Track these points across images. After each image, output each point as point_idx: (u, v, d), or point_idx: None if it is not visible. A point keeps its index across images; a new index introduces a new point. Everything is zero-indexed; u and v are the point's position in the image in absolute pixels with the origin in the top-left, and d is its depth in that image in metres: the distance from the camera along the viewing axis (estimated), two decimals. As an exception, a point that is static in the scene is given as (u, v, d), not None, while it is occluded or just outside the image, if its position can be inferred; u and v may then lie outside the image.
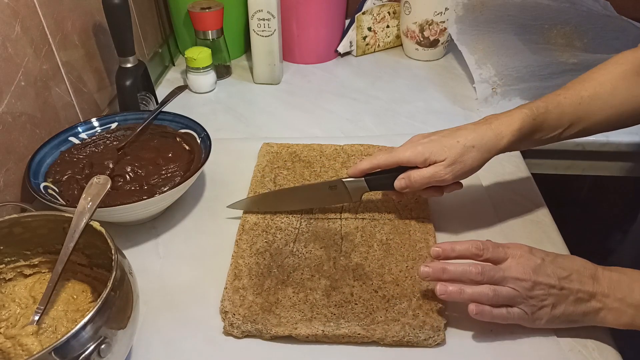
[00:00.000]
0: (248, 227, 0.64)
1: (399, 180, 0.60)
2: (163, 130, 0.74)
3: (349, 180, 0.63)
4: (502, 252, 0.52)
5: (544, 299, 0.50)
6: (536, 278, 0.50)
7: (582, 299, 0.50)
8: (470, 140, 0.57)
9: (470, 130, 0.59)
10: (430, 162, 0.58)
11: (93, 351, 0.41)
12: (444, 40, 1.06)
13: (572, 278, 0.50)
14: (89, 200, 0.49)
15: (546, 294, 0.50)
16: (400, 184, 0.60)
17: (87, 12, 0.78)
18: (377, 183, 0.63)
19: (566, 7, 0.99)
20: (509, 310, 0.50)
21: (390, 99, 0.96)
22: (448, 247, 0.53)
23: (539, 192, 0.72)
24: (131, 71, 0.79)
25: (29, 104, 0.66)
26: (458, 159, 0.57)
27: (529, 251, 0.52)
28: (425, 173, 0.58)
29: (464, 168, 0.58)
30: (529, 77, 0.91)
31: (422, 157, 0.58)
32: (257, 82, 1.01)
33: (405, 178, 0.60)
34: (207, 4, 0.97)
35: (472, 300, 0.50)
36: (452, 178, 0.58)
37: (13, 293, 0.53)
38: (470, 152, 0.57)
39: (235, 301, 0.55)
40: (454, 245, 0.53)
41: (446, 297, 0.51)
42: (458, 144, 0.57)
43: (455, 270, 0.51)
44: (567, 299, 0.50)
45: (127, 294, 0.46)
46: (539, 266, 0.50)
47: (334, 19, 1.06)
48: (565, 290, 0.50)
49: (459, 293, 0.50)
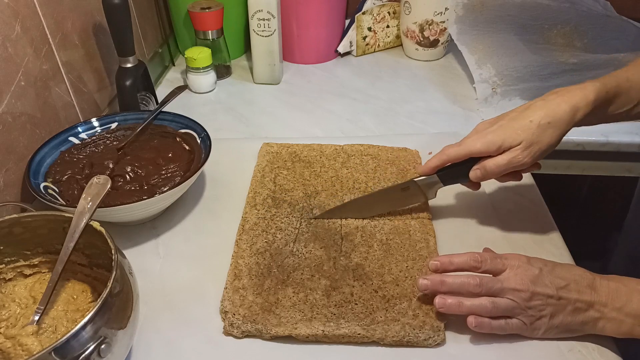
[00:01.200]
0: (248, 227, 0.64)
1: (473, 172, 0.58)
2: (163, 130, 0.74)
3: (421, 179, 0.63)
4: (500, 264, 0.52)
5: (542, 309, 0.50)
6: (534, 288, 0.50)
7: (580, 308, 0.50)
8: (544, 117, 0.54)
9: (540, 106, 0.55)
10: (504, 149, 0.56)
11: (93, 351, 0.41)
12: (444, 40, 1.06)
13: (570, 288, 0.50)
14: (89, 200, 0.49)
15: (544, 304, 0.50)
16: (476, 174, 0.58)
17: (87, 12, 0.78)
18: (451, 177, 0.62)
19: (566, 7, 0.99)
20: (507, 322, 0.51)
21: (390, 99, 0.96)
22: (446, 260, 0.53)
23: (539, 192, 0.72)
24: (131, 71, 0.79)
25: (29, 104, 0.66)
26: (534, 139, 0.54)
27: (527, 262, 0.52)
28: (501, 161, 0.56)
29: (542, 148, 0.55)
30: (529, 77, 0.91)
31: (494, 145, 0.56)
32: (257, 82, 1.01)
33: (480, 168, 0.58)
34: (207, 4, 0.97)
35: (470, 313, 0.50)
36: (531, 161, 0.56)
37: (13, 293, 0.53)
38: (547, 130, 0.54)
39: (235, 301, 0.55)
40: (452, 258, 0.53)
41: (445, 310, 0.51)
42: (532, 124, 0.54)
43: (454, 282, 0.51)
44: (565, 309, 0.50)
45: (127, 294, 0.46)
46: (537, 277, 0.50)
47: (334, 19, 1.06)
48: (563, 300, 0.50)
49: (458, 306, 0.51)
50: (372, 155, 0.76)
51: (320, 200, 0.68)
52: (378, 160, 0.75)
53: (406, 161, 0.75)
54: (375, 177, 0.72)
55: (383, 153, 0.76)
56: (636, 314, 0.49)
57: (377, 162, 0.74)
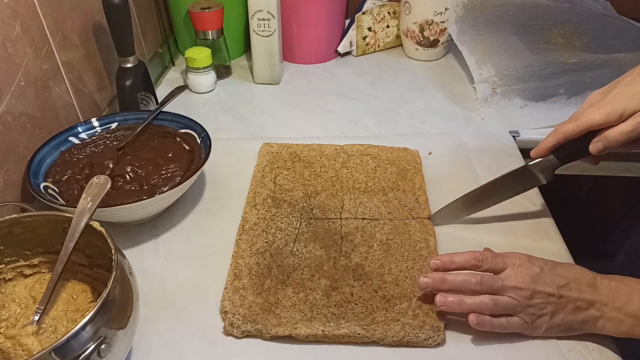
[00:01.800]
0: (248, 227, 0.64)
1: (594, 144, 0.55)
2: (163, 130, 0.74)
3: (535, 162, 0.61)
4: (501, 262, 0.52)
5: (542, 307, 0.50)
6: (535, 287, 0.50)
7: (580, 307, 0.50)
8: None
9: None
10: (626, 117, 0.53)
11: (93, 351, 0.41)
12: (444, 40, 1.06)
13: (571, 286, 0.50)
14: (89, 200, 0.49)
15: (545, 302, 0.50)
16: (597, 147, 0.55)
17: (87, 12, 0.78)
18: (569, 154, 0.60)
19: (566, 7, 0.99)
20: (508, 320, 0.51)
21: (390, 99, 0.96)
22: (447, 259, 0.53)
23: (539, 192, 0.72)
24: (131, 71, 0.79)
25: (29, 104, 0.66)
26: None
27: (528, 260, 0.52)
28: (625, 128, 0.53)
29: None
30: (529, 77, 0.91)
31: (616, 115, 0.53)
32: (257, 82, 1.01)
33: (602, 140, 0.55)
34: (207, 4, 0.97)
35: (472, 311, 0.51)
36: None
37: (13, 293, 0.53)
38: None
39: (235, 301, 0.55)
40: (453, 257, 0.53)
41: (446, 308, 0.52)
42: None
43: (455, 280, 0.51)
44: (565, 308, 0.50)
45: (127, 294, 0.46)
46: (538, 275, 0.50)
47: (334, 19, 1.06)
48: (564, 299, 0.50)
49: (459, 304, 0.51)
50: (372, 155, 0.76)
51: (320, 200, 0.68)
52: (378, 160, 0.75)
53: (406, 161, 0.75)
54: (375, 177, 0.72)
55: (383, 153, 0.76)
56: (636, 314, 0.49)
57: (377, 162, 0.74)
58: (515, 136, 0.83)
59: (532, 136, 0.83)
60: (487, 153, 0.79)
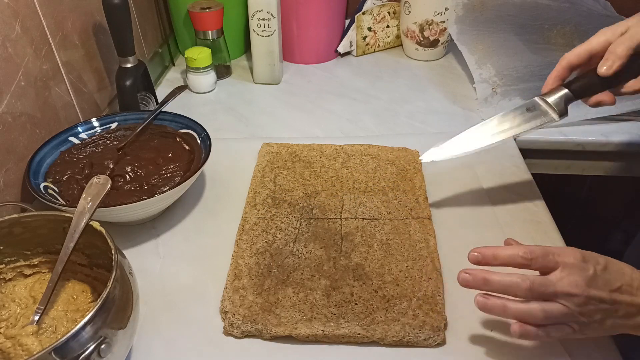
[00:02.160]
0: (248, 227, 0.64)
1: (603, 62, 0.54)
2: (163, 130, 0.74)
3: (546, 94, 0.59)
4: (553, 261, 0.45)
5: (594, 314, 0.45)
6: (589, 292, 0.44)
7: (631, 313, 0.45)
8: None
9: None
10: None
11: (93, 351, 0.41)
12: (444, 40, 1.06)
13: (623, 289, 0.45)
14: (89, 200, 0.49)
15: (597, 309, 0.45)
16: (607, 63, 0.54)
17: (87, 12, 0.79)
18: (581, 84, 0.57)
19: (566, 7, 1.00)
20: (556, 328, 0.46)
21: (390, 99, 0.96)
22: (489, 254, 0.47)
23: (539, 192, 0.72)
24: (131, 71, 0.79)
25: (29, 104, 0.66)
26: None
27: (582, 259, 0.45)
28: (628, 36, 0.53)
29: None
30: (529, 77, 0.91)
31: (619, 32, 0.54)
32: (257, 82, 1.01)
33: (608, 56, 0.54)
34: (207, 4, 0.97)
35: (517, 319, 0.46)
36: None
37: (13, 293, 0.53)
38: None
39: (235, 301, 0.55)
40: (497, 252, 0.47)
41: (485, 311, 0.47)
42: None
43: (501, 282, 0.45)
44: (616, 313, 0.45)
45: (127, 294, 0.46)
46: (592, 278, 0.44)
47: (334, 19, 1.06)
48: (616, 305, 0.45)
49: (502, 309, 0.46)
50: (372, 155, 0.76)
51: (320, 200, 0.68)
52: (378, 160, 0.75)
53: (406, 161, 0.75)
54: (375, 177, 0.72)
55: (383, 153, 0.76)
56: None
57: (377, 162, 0.74)
58: (515, 136, 0.83)
59: (532, 136, 0.83)
60: (487, 153, 0.79)
